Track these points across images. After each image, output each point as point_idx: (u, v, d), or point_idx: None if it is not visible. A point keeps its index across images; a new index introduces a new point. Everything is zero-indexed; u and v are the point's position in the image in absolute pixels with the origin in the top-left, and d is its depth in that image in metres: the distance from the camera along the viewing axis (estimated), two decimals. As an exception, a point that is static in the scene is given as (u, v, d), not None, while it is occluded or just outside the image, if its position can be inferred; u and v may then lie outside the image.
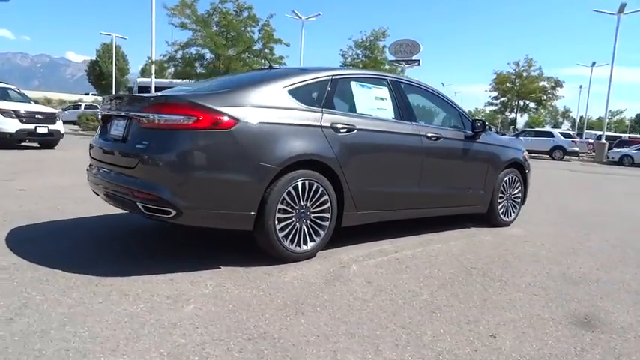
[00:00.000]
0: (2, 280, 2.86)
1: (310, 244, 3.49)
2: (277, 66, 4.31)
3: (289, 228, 3.35)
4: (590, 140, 33.74)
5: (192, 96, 3.15)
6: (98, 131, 3.83)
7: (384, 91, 4.13)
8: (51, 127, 12.38)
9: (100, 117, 3.83)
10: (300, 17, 32.73)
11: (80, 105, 37.41)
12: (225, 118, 3.05)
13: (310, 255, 3.51)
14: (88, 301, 2.60)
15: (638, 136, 39.74)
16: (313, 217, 3.48)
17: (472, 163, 4.78)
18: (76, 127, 24.17)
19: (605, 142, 27.75)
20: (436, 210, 4.55)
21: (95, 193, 3.86)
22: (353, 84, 3.92)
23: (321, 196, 3.48)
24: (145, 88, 25.55)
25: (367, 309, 2.69)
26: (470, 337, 2.40)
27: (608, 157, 26.05)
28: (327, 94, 3.69)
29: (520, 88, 36.65)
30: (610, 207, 7.68)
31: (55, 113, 12.96)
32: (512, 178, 5.24)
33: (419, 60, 29.92)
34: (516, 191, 5.36)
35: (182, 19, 19.83)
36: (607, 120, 34.19)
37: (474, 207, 4.89)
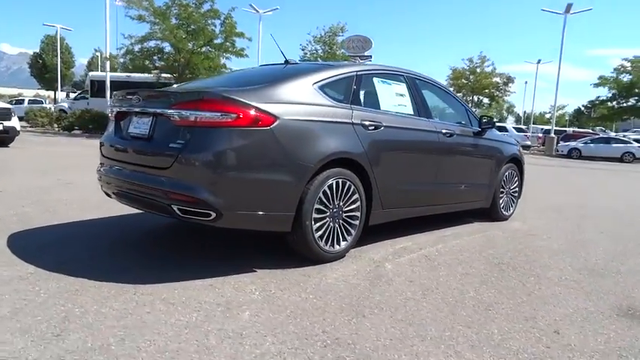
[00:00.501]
0: (28, 292, 2.61)
1: (343, 244, 3.41)
2: (294, 61, 4.13)
3: (324, 228, 3.27)
4: (539, 134, 35.34)
5: (228, 92, 2.99)
6: (110, 129, 3.57)
7: (403, 88, 4.11)
8: (6, 123, 11.55)
9: (112, 114, 3.57)
10: (257, 11, 32.23)
11: (23, 100, 35.30)
12: (265, 116, 2.92)
13: (342, 255, 3.44)
14: (134, 312, 2.42)
15: (581, 130, 41.94)
16: (345, 216, 3.40)
17: (480, 159, 4.85)
18: (24, 124, 22.76)
19: (554, 135, 29.13)
20: (449, 206, 4.58)
21: (107, 194, 3.61)
22: (375, 80, 3.87)
23: (352, 194, 3.41)
24: (98, 83, 24.38)
25: (424, 309, 2.65)
26: (536, 334, 2.41)
27: (557, 150, 27.37)
28: (354, 90, 3.62)
29: (474, 84, 37.81)
30: (583, 199, 8.02)
31: (10, 109, 12.11)
32: (511, 172, 5.36)
33: (371, 56, 30.47)
34: (514, 185, 5.50)
35: (140, 11, 19.08)
36: (552, 114, 35.81)
37: (480, 202, 4.97)
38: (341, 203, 3.35)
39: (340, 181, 3.30)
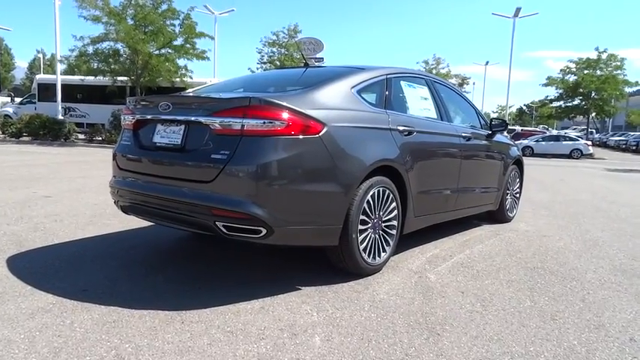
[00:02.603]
0: (60, 327, 2.30)
1: (383, 256, 3.26)
2: (317, 63, 3.95)
3: (367, 240, 3.10)
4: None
5: (277, 97, 2.76)
6: (127, 139, 3.25)
7: (425, 91, 4.01)
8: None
9: (127, 122, 3.24)
10: (212, 12, 31.55)
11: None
12: (314, 123, 2.73)
13: (382, 267, 3.29)
14: (194, 345, 2.17)
15: (530, 128, 43.72)
16: (384, 226, 3.26)
17: (492, 162, 4.83)
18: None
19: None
20: (468, 210, 4.52)
21: (124, 209, 3.29)
22: (402, 83, 3.74)
23: (391, 202, 3.26)
24: (47, 87, 23.02)
25: (492, 323, 2.54)
26: (616, 344, 2.35)
27: (511, 149, 28.30)
28: (386, 94, 3.48)
29: None
30: (557, 196, 8.23)
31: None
32: (514, 174, 5.40)
33: (322, 58, 30.70)
34: (516, 187, 5.54)
35: (94, 11, 18.11)
36: (504, 114, 37.15)
37: (491, 205, 4.95)
38: (380, 213, 3.20)
39: (381, 189, 3.14)
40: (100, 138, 20.46)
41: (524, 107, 79.76)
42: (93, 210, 5.14)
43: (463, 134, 4.21)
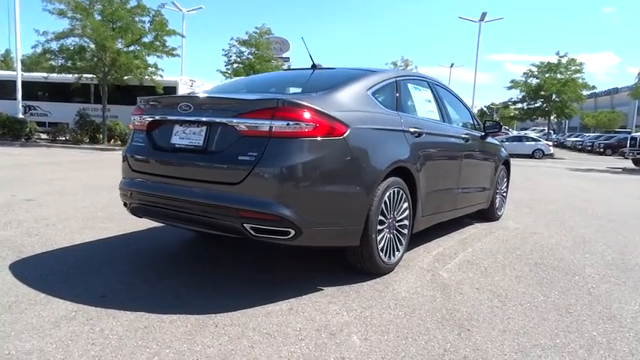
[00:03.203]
0: (91, 335, 2.25)
1: (397, 255, 3.33)
2: (320, 65, 3.95)
3: (383, 240, 3.16)
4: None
5: (303, 99, 2.77)
6: (139, 140, 3.18)
7: (429, 93, 4.10)
8: None
9: (139, 123, 3.18)
10: (180, 10, 30.98)
11: None
12: (339, 125, 2.76)
13: (395, 266, 3.35)
14: (236, 349, 2.16)
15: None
16: (397, 226, 3.32)
17: (486, 162, 4.99)
18: None
19: (472, 135, 30.96)
20: (466, 209, 4.65)
21: (135, 212, 3.22)
22: (410, 86, 3.82)
23: (403, 203, 3.33)
24: (4, 84, 21.98)
25: (514, 317, 2.64)
26: (630, 334, 2.49)
27: (476, 149, 29.12)
28: (397, 96, 3.54)
29: None
30: (532, 194, 8.57)
31: None
32: (502, 174, 5.58)
33: (289, 57, 30.98)
34: (504, 186, 5.73)
35: (59, 4, 17.47)
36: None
37: (483, 204, 5.10)
38: (395, 213, 3.26)
39: (396, 190, 3.21)
40: (64, 138, 19.79)
41: (485, 109, 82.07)
42: (83, 213, 4.98)
43: (463, 135, 4.33)
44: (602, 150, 33.67)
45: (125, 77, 19.19)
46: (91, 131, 19.91)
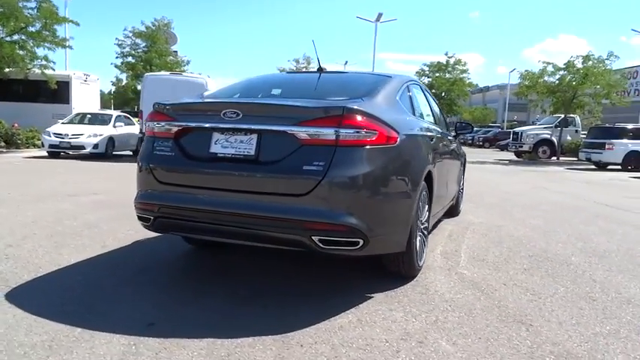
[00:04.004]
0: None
1: (423, 257, 3.42)
2: (325, 69, 3.88)
3: (418, 243, 3.23)
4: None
5: (358, 105, 2.71)
6: (166, 148, 2.88)
7: (423, 97, 4.24)
8: None
9: (166, 130, 2.89)
10: (64, -4, 28.17)
11: None
12: (393, 132, 2.77)
13: (421, 268, 3.44)
14: (342, 367, 2.09)
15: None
16: (422, 227, 3.41)
17: (457, 161, 5.28)
18: None
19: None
20: (446, 207, 4.88)
21: (160, 228, 2.95)
22: (414, 90, 3.92)
23: (426, 205, 3.43)
24: None
25: (557, 310, 2.84)
26: (654, 314, 2.84)
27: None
28: (411, 101, 3.63)
29: None
30: (467, 189, 9.26)
31: None
32: (462, 171, 5.96)
33: (177, 51, 30.25)
34: (463, 183, 6.12)
35: None
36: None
37: (453, 200, 5.40)
38: (422, 216, 3.35)
39: (424, 193, 3.30)
40: None
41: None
42: (40, 229, 4.40)
43: (449, 137, 4.57)
44: (481, 143, 37.27)
45: (6, 70, 17.05)
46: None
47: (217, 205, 2.70)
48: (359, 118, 2.60)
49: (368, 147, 2.60)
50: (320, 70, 3.82)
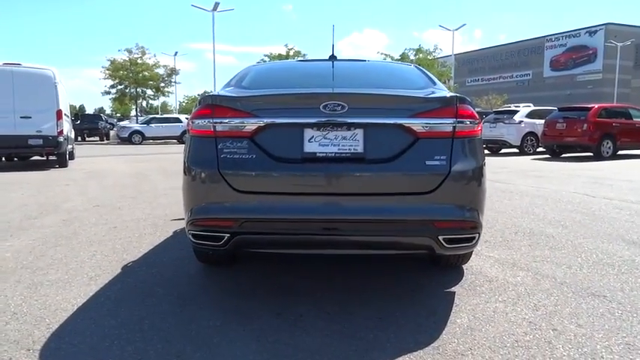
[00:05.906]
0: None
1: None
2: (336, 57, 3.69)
3: None
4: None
5: (462, 96, 2.65)
6: (241, 150, 2.45)
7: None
8: None
9: (238, 129, 2.47)
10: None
11: None
12: (480, 122, 2.74)
13: None
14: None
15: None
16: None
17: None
18: None
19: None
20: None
21: (249, 246, 2.64)
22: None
23: None
24: None
25: (594, 306, 2.70)
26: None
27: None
28: None
29: (136, 76, 34.49)
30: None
31: None
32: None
33: None
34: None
35: None
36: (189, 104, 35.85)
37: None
38: None
39: None
40: None
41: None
42: (23, 259, 3.61)
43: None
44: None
45: None
46: None
47: (323, 212, 2.42)
48: (469, 108, 2.57)
49: (476, 138, 2.58)
50: (332, 57, 3.66)
